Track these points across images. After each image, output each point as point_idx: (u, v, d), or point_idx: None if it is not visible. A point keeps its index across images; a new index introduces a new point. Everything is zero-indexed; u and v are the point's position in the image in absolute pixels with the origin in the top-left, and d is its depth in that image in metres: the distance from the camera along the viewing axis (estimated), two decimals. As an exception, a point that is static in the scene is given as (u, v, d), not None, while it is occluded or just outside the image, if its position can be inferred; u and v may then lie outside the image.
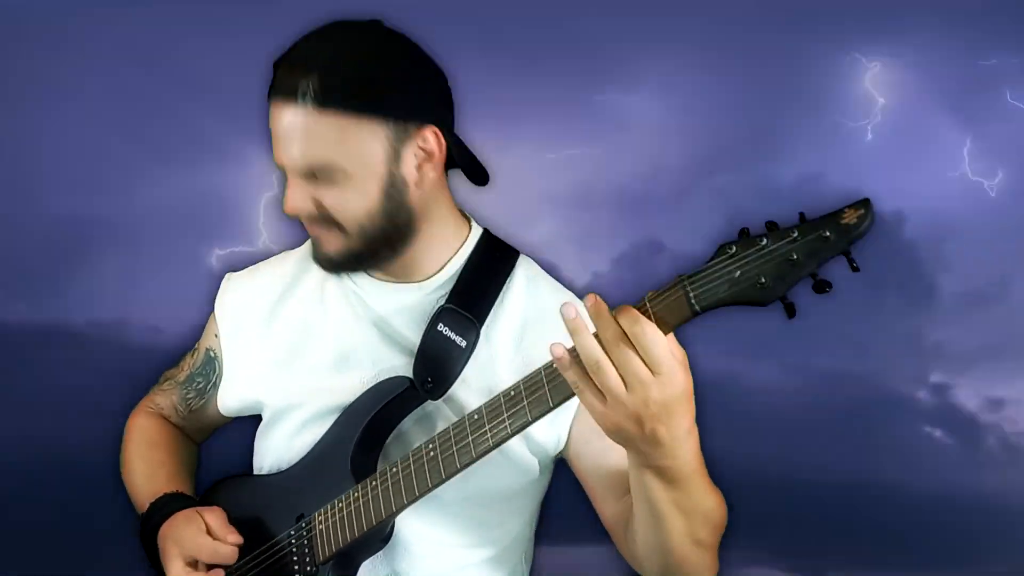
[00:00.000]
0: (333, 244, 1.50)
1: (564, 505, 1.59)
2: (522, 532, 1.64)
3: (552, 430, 1.51)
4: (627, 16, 3.77)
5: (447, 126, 1.50)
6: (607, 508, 1.51)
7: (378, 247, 1.51)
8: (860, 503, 3.76)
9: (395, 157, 1.46)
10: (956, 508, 3.81)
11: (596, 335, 1.18)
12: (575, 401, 1.35)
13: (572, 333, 1.17)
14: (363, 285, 1.60)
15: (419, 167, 1.48)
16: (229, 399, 1.71)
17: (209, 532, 1.54)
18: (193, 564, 1.54)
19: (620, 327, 1.16)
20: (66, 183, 3.65)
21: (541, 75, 3.82)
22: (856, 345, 3.99)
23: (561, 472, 1.60)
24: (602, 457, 1.50)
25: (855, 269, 1.16)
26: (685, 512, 1.29)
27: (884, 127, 3.91)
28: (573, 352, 1.20)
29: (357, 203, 1.46)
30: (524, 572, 1.68)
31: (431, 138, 1.48)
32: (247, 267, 1.77)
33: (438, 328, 1.52)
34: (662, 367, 1.15)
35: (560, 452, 1.55)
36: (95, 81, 3.56)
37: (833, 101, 3.88)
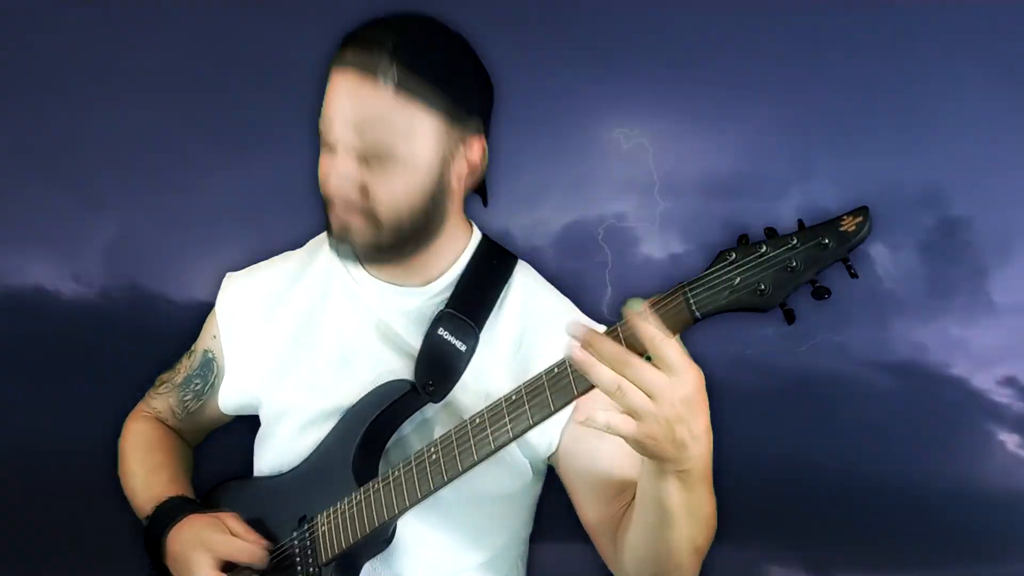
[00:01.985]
0: (362, 234, 1.49)
1: (561, 502, 1.58)
2: (517, 536, 1.65)
3: (544, 434, 1.51)
4: (729, 13, 3.77)
5: (488, 141, 1.54)
6: (592, 512, 1.51)
7: (404, 244, 1.51)
8: (914, 504, 3.70)
9: (449, 159, 1.48)
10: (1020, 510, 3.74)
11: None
12: (570, 407, 1.35)
13: (585, 371, 1.18)
14: (366, 286, 1.60)
15: (459, 176, 1.51)
16: (229, 396, 1.71)
17: (235, 535, 1.55)
18: (221, 568, 1.54)
19: (617, 344, 1.18)
20: (130, 175, 3.70)
21: (640, 68, 3.83)
22: (918, 346, 3.93)
23: (555, 475, 1.60)
24: (592, 461, 1.50)
25: (854, 276, 1.17)
26: (694, 518, 1.29)
27: (964, 134, 3.86)
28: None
29: (403, 196, 1.46)
30: (521, 572, 1.68)
31: (477, 150, 1.51)
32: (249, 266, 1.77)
33: (438, 332, 1.53)
34: (675, 367, 1.16)
35: (551, 456, 1.55)
36: (159, 72, 3.61)
37: (917, 106, 3.84)
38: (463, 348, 1.51)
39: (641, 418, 1.17)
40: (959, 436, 3.94)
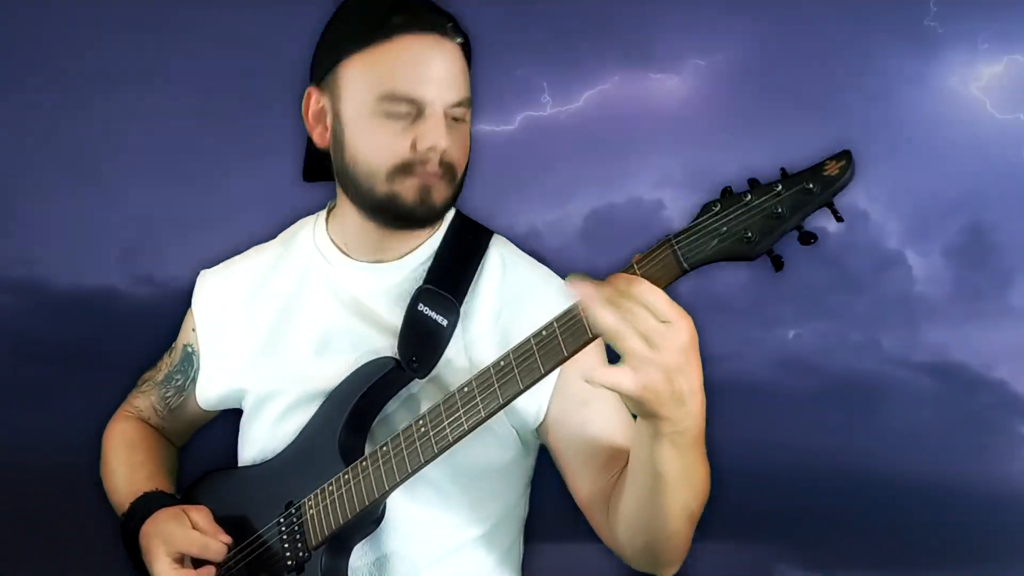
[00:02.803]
0: (442, 193, 1.49)
1: (559, 502, 1.56)
2: (511, 512, 1.62)
3: (532, 401, 1.49)
4: (767, 18, 3.81)
5: None
6: (584, 485, 1.48)
7: (454, 200, 1.54)
8: (941, 505, 3.66)
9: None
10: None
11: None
12: (555, 374, 1.34)
13: (587, 308, 1.17)
14: (341, 268, 1.60)
15: None
16: (209, 391, 1.69)
17: (195, 528, 1.53)
18: (180, 560, 1.53)
19: (615, 292, 1.15)
20: (150, 174, 3.71)
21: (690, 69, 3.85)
22: (951, 349, 3.91)
23: (554, 470, 1.57)
24: (580, 429, 1.48)
25: (839, 219, 1.16)
26: (689, 482, 1.27)
27: (993, 135, 3.87)
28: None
29: (466, 148, 1.51)
30: (519, 554, 1.65)
31: None
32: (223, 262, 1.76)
33: (419, 308, 1.52)
34: (670, 315, 1.14)
35: (539, 424, 1.53)
36: (181, 72, 3.62)
37: (948, 117, 3.85)
38: (444, 323, 1.50)
39: (639, 366, 1.14)
40: (992, 438, 3.89)
